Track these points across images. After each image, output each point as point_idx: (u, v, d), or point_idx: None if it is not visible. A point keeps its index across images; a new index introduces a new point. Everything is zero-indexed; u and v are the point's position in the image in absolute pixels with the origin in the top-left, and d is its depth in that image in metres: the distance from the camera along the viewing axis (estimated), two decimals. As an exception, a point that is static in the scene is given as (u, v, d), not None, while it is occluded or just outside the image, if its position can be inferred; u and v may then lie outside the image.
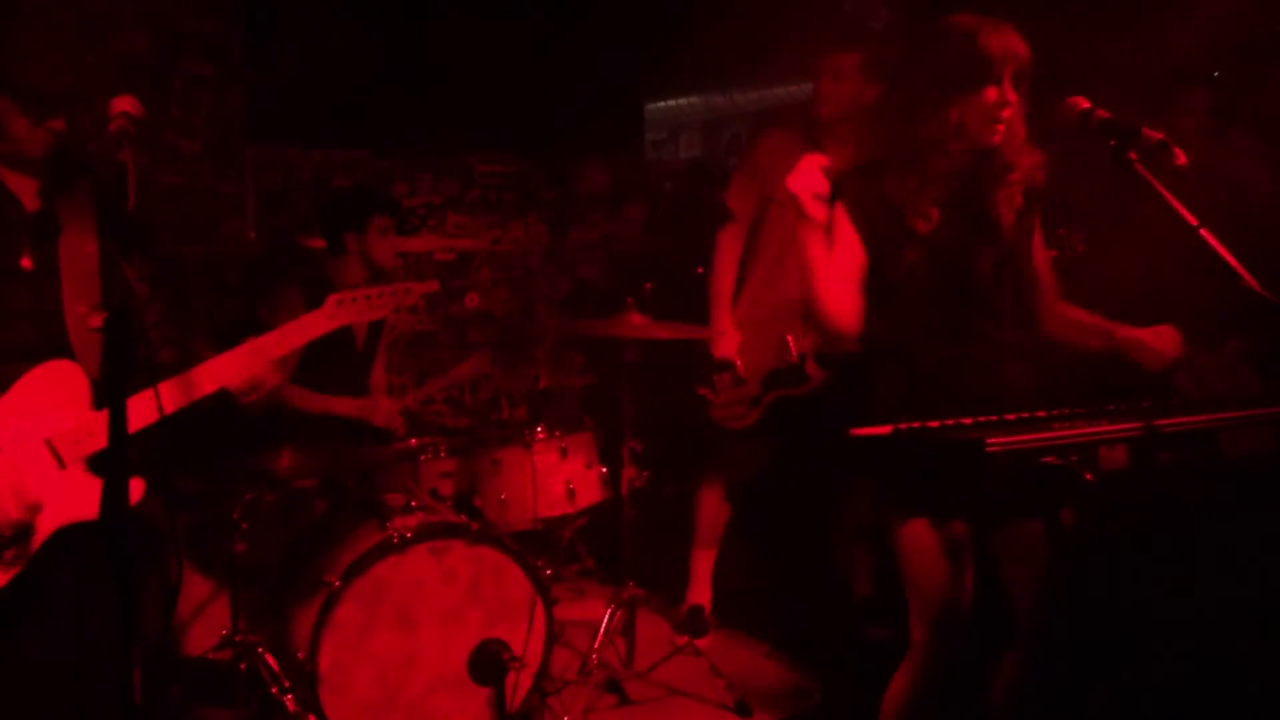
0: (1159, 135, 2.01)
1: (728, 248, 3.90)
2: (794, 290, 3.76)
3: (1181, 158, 1.99)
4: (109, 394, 1.86)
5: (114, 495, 1.82)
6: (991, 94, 2.20)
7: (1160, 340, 2.28)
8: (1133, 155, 2.04)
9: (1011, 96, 2.21)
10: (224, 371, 2.35)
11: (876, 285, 2.34)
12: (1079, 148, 2.23)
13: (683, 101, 6.10)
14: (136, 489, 2.26)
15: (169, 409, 2.27)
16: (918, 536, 2.31)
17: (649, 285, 3.96)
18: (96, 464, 2.32)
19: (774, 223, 3.82)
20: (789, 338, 3.75)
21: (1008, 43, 2.20)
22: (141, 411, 2.21)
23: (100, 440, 2.27)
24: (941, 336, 2.31)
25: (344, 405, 3.76)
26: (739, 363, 3.85)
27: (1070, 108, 2.16)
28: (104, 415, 2.26)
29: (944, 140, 2.24)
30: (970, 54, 2.19)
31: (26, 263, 2.32)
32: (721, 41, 4.99)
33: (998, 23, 2.22)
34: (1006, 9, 2.25)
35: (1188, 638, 2.35)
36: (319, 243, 4.06)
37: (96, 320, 2.08)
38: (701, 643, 3.87)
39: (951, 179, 2.29)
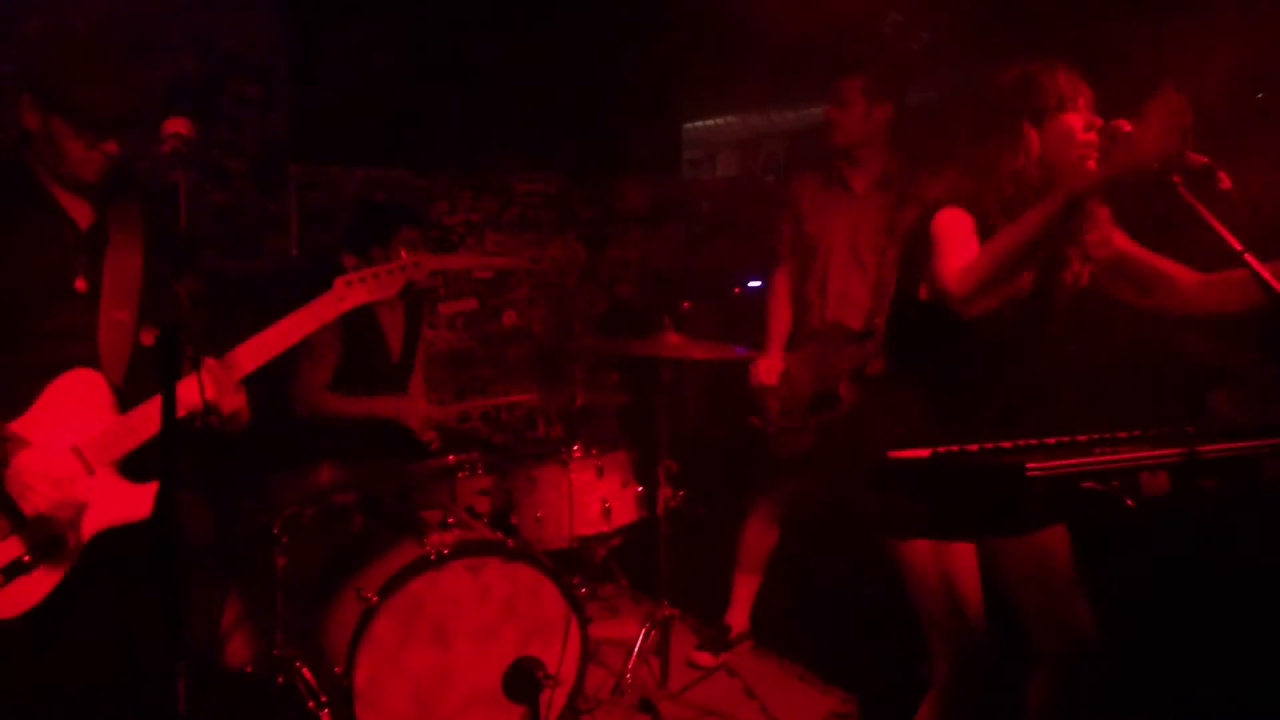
0: (1203, 159, 2.00)
1: (779, 287, 4.06)
2: (835, 315, 3.84)
3: (1226, 182, 1.97)
4: (163, 409, 1.89)
5: (164, 509, 1.85)
6: (1073, 119, 2.25)
7: None
8: (1176, 179, 2.02)
9: (1097, 120, 2.24)
10: (242, 361, 2.38)
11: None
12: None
13: (720, 121, 6.12)
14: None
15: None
16: (921, 563, 2.32)
17: (686, 304, 3.98)
18: (126, 467, 2.36)
19: (812, 255, 3.92)
20: (826, 359, 3.77)
21: (1076, 82, 2.28)
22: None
23: (125, 445, 2.32)
24: (1011, 359, 2.33)
25: (382, 405, 3.79)
26: (779, 390, 3.88)
27: (1113, 130, 2.16)
28: (128, 420, 2.32)
29: (1025, 170, 2.29)
30: (1044, 87, 2.26)
31: (80, 284, 2.38)
32: (759, 61, 5.02)
33: (1065, 65, 2.29)
34: (1051, 32, 2.28)
35: (1228, 664, 2.32)
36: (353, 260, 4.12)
37: (149, 337, 2.12)
38: (729, 659, 3.86)
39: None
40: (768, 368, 3.91)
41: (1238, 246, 1.95)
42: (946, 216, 2.32)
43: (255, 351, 2.41)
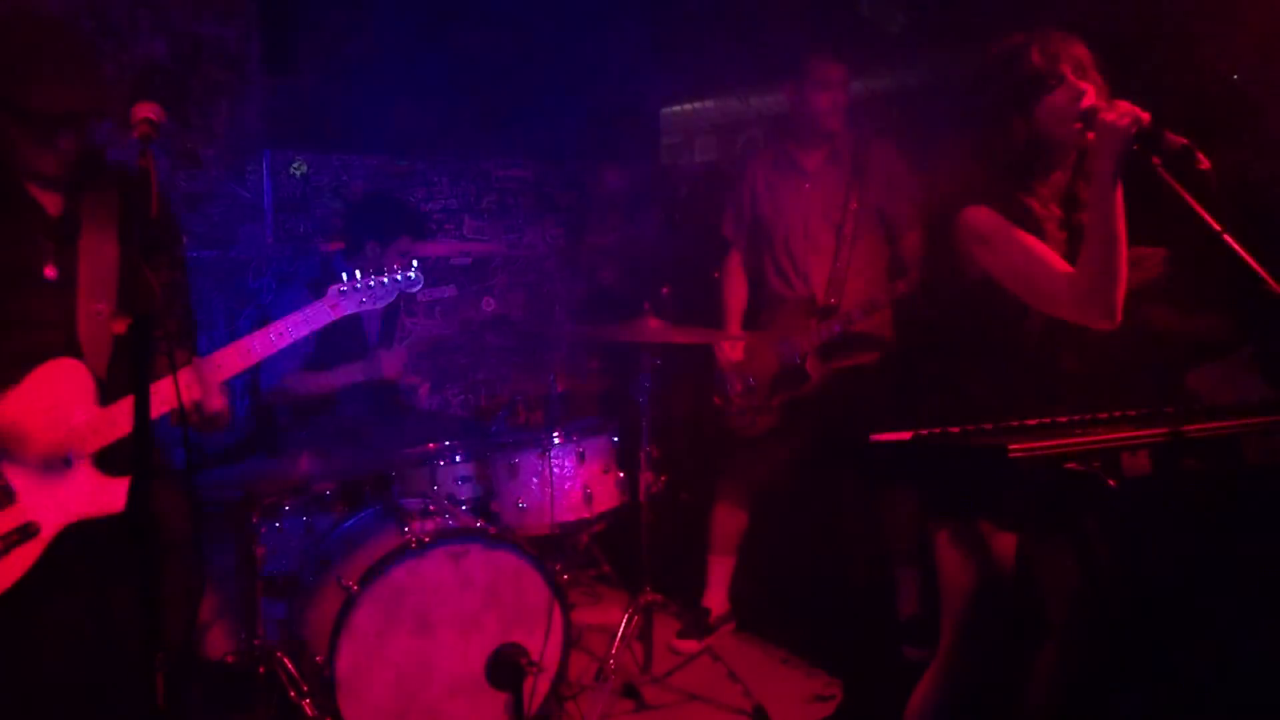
0: (1183, 140, 2.00)
1: (733, 270, 4.14)
2: (797, 293, 3.86)
3: (1205, 163, 1.97)
4: (135, 398, 1.87)
5: (138, 498, 1.83)
6: (1061, 95, 2.22)
7: None
8: (1156, 160, 2.02)
9: (1083, 85, 2.22)
10: (229, 363, 2.36)
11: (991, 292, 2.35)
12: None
13: (698, 105, 6.09)
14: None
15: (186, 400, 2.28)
16: (949, 537, 2.32)
17: (665, 289, 3.98)
18: (104, 460, 2.33)
19: (769, 237, 3.96)
20: (790, 338, 3.80)
21: (1056, 46, 2.24)
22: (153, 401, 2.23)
23: (106, 437, 2.30)
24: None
25: (349, 374, 3.76)
26: (744, 369, 3.90)
27: (1091, 113, 2.16)
28: (110, 412, 2.30)
29: (1018, 153, 2.29)
30: (1030, 66, 2.23)
31: (50, 272, 2.34)
32: (736, 45, 5.00)
33: (1045, 31, 2.26)
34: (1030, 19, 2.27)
35: (1217, 641, 2.34)
36: (336, 246, 4.08)
37: (121, 326, 2.08)
38: (712, 643, 3.87)
39: (1062, 188, 2.32)
40: (732, 344, 3.94)
41: (1216, 227, 1.95)
42: (977, 218, 2.31)
43: (242, 355, 2.40)
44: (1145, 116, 2.05)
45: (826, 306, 3.81)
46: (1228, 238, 1.96)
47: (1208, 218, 1.97)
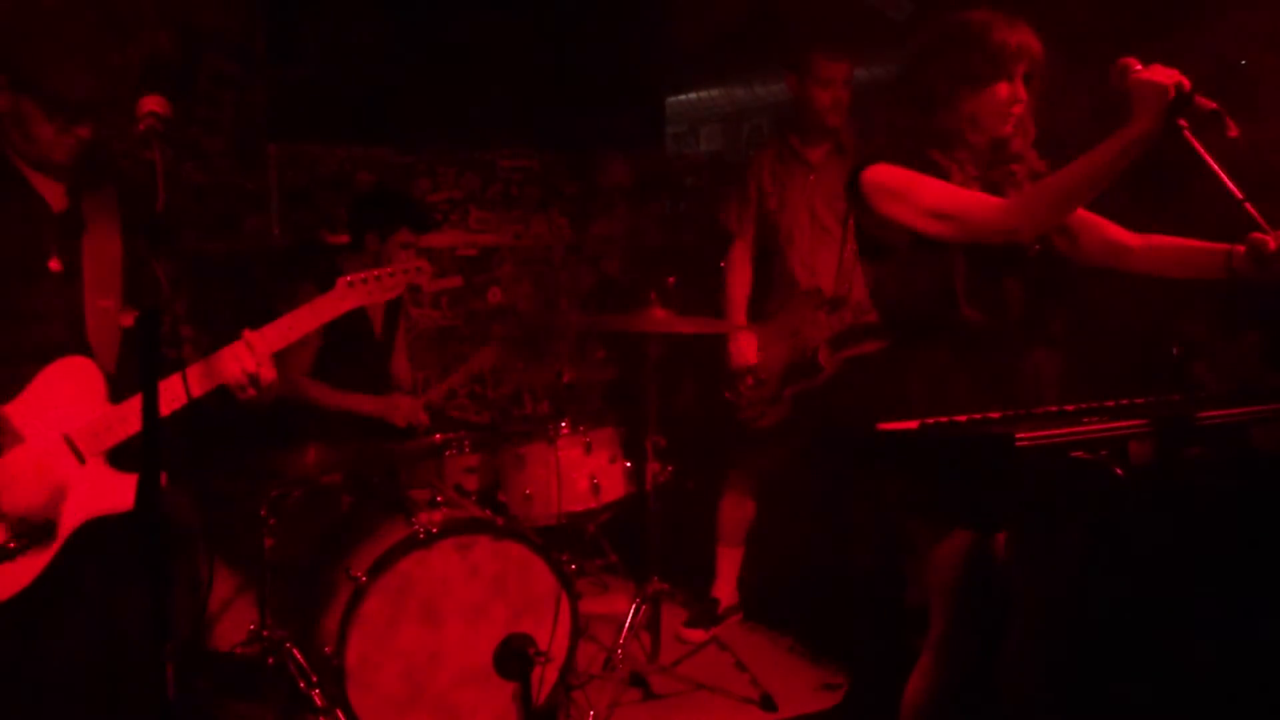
0: (1213, 104, 1.92)
1: (737, 260, 4.09)
2: (806, 285, 3.85)
3: (1234, 129, 1.91)
4: (142, 392, 1.87)
5: (148, 492, 1.84)
6: (1003, 90, 2.22)
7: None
8: (1182, 122, 1.94)
9: (1023, 94, 2.22)
10: (241, 356, 2.36)
11: (910, 270, 2.33)
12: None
13: (703, 94, 6.09)
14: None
15: (196, 394, 2.28)
16: (955, 550, 2.31)
17: (671, 279, 3.98)
18: (116, 457, 2.34)
19: (775, 229, 3.96)
20: (801, 330, 3.79)
21: (1021, 39, 2.20)
22: (164, 398, 2.23)
23: (118, 434, 2.30)
24: (965, 325, 2.30)
25: (364, 403, 3.76)
26: (756, 365, 3.89)
27: (1123, 69, 2.04)
28: (121, 409, 2.30)
29: (959, 132, 2.27)
30: (983, 50, 2.20)
31: (55, 264, 2.34)
32: (741, 33, 4.99)
33: (1012, 19, 2.22)
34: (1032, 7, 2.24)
35: (1214, 633, 2.33)
36: (343, 238, 4.07)
37: (128, 319, 2.08)
38: (719, 632, 3.88)
39: (972, 167, 2.30)
40: (746, 345, 3.92)
41: (1239, 195, 1.93)
42: (881, 173, 2.30)
43: (250, 347, 2.39)
44: (1186, 82, 1.95)
45: (836, 297, 3.81)
46: (1249, 206, 1.93)
47: (1230, 185, 1.94)
